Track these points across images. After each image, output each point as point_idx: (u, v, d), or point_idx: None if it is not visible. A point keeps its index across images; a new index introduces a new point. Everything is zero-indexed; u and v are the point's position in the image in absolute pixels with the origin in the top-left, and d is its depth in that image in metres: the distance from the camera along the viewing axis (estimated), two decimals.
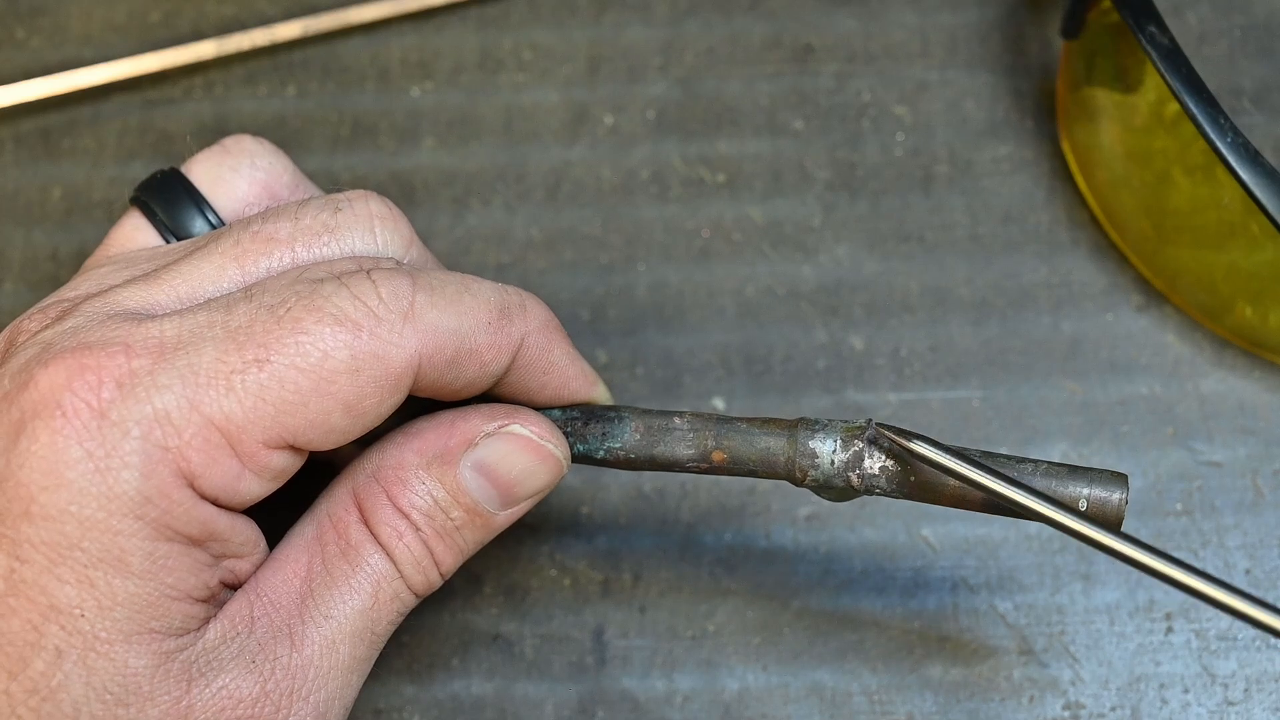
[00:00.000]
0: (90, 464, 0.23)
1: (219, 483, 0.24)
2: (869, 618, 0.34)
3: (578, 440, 0.28)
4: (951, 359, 0.36)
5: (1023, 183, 0.38)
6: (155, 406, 0.23)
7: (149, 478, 0.23)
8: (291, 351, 0.24)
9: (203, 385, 0.24)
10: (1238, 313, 0.35)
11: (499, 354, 0.27)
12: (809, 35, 0.39)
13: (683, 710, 0.33)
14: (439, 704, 0.33)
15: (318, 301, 0.25)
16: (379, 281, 0.25)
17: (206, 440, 0.24)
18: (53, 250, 0.38)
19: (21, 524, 0.23)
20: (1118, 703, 0.33)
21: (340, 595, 0.26)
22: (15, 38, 0.40)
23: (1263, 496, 0.34)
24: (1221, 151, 0.31)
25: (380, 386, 0.25)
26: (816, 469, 0.27)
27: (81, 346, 0.24)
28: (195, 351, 0.24)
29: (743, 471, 0.28)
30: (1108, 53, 0.35)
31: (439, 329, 0.25)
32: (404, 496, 0.27)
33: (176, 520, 0.24)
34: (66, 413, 0.23)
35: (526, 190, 0.38)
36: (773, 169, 0.38)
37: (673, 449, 0.28)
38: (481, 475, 0.27)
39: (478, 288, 0.27)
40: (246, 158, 0.30)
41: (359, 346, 0.24)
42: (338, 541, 0.27)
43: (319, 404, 0.24)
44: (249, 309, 0.25)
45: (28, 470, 0.23)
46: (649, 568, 0.34)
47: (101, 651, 0.24)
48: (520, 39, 0.39)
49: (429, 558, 0.27)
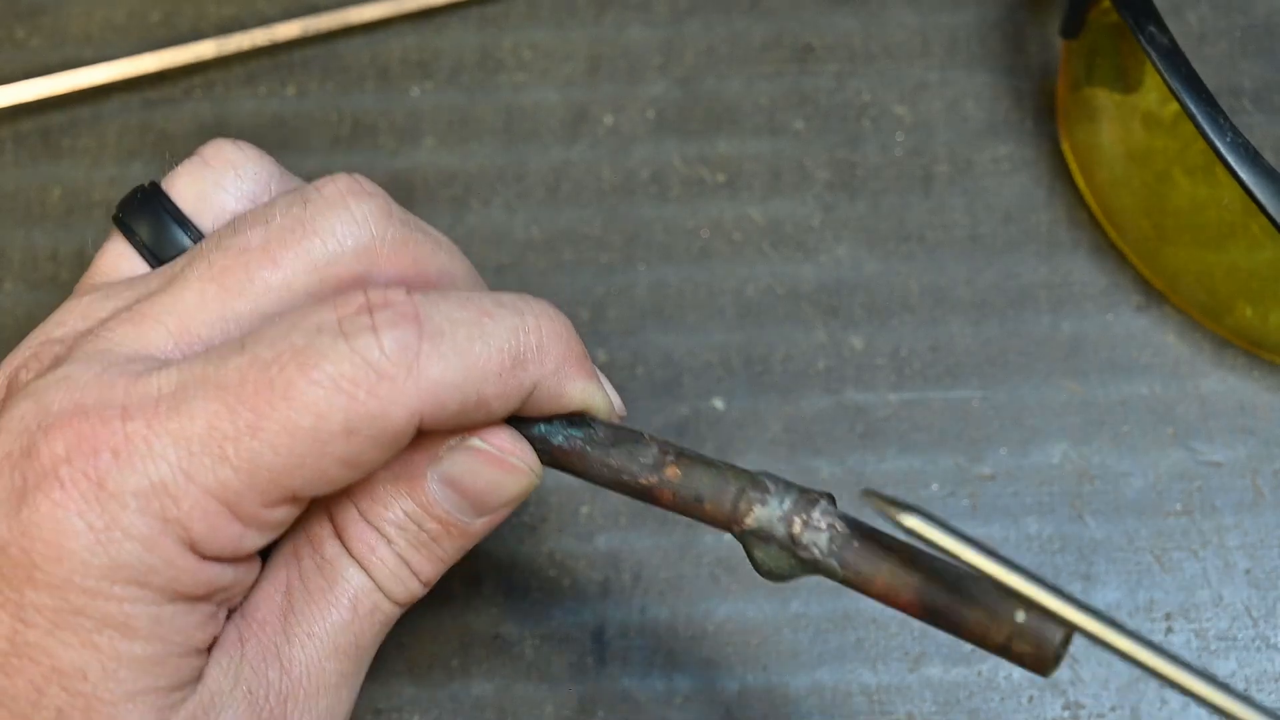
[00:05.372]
0: (91, 535, 0.23)
1: (221, 545, 0.24)
2: (869, 618, 0.34)
3: (543, 422, 0.27)
4: (951, 359, 0.36)
5: (1023, 183, 0.38)
6: (152, 479, 0.23)
7: (152, 549, 0.23)
8: (283, 417, 0.23)
9: (196, 454, 0.23)
10: (1238, 313, 0.35)
11: (507, 402, 0.26)
12: (809, 35, 0.39)
13: (683, 710, 0.33)
14: (439, 704, 0.33)
15: (312, 359, 0.23)
16: (382, 330, 0.24)
17: (205, 509, 0.23)
18: (53, 250, 0.38)
19: (26, 589, 0.23)
20: (1118, 702, 0.33)
21: (320, 611, 0.26)
22: (15, 38, 0.40)
23: (1263, 496, 0.34)
24: (1221, 151, 0.31)
25: (379, 444, 0.24)
26: (764, 505, 0.26)
27: (78, 411, 0.23)
28: (189, 415, 0.23)
29: (689, 495, 0.27)
30: (1108, 53, 0.35)
31: (443, 384, 0.24)
32: (374, 511, 0.26)
33: (182, 584, 0.24)
34: (65, 484, 0.23)
35: (526, 190, 0.38)
36: (773, 169, 0.38)
37: (632, 453, 0.27)
38: (449, 488, 0.26)
39: (491, 328, 0.25)
40: (230, 169, 0.28)
41: (355, 409, 0.23)
42: (313, 556, 0.27)
43: (315, 464, 0.24)
44: (240, 364, 0.24)
45: (30, 540, 0.23)
46: (649, 568, 0.34)
47: (103, 712, 0.23)
48: (520, 39, 0.39)
49: (406, 569, 0.27)
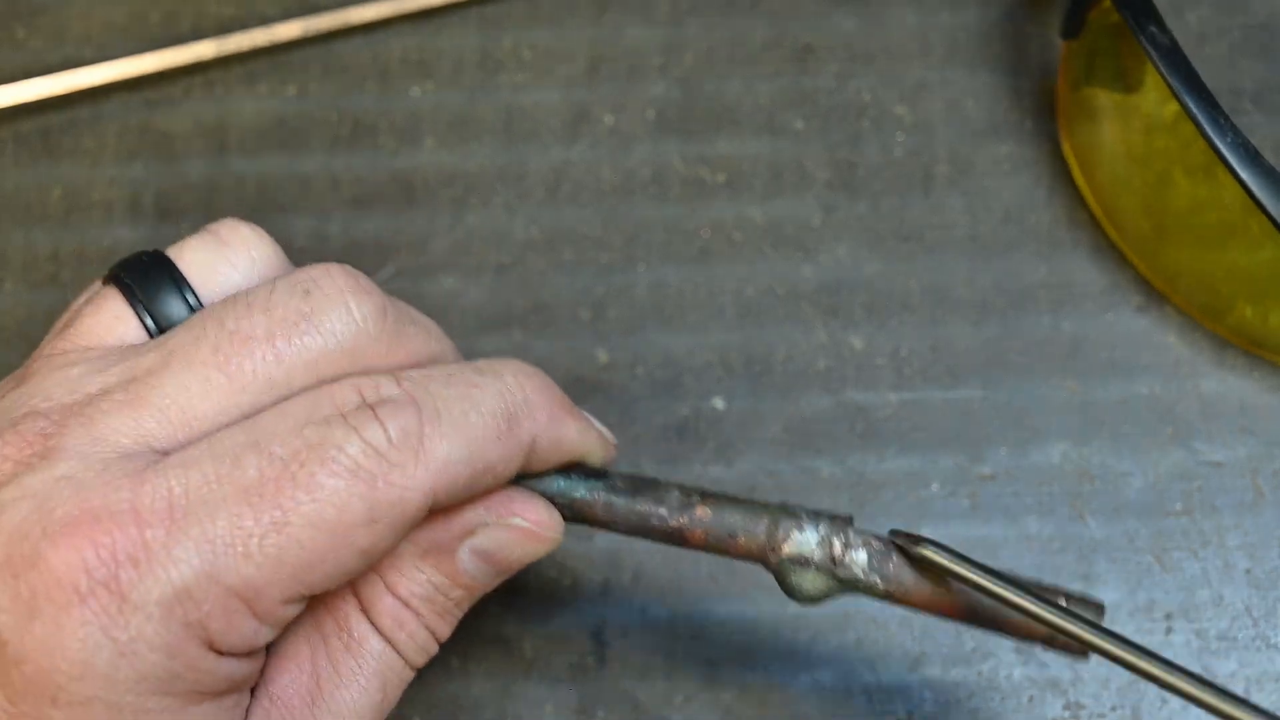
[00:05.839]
0: (114, 649, 0.22)
1: (237, 641, 0.24)
2: (869, 617, 0.34)
3: (561, 477, 0.28)
4: (951, 359, 0.36)
5: (1023, 183, 0.38)
6: (175, 585, 0.23)
7: (174, 656, 0.23)
8: (309, 511, 0.23)
9: (220, 554, 0.23)
10: (1238, 313, 0.35)
11: (511, 464, 0.26)
12: (809, 35, 0.39)
13: (683, 710, 0.33)
14: (439, 704, 0.33)
15: (330, 452, 0.24)
16: (386, 420, 0.24)
17: (226, 608, 0.23)
18: (53, 250, 0.38)
19: (46, 707, 0.23)
20: (1118, 702, 0.33)
21: (351, 694, 0.26)
22: (15, 38, 0.40)
23: (1263, 496, 0.34)
24: (1221, 151, 0.31)
25: (396, 531, 0.24)
26: (800, 532, 0.27)
27: (87, 514, 0.23)
28: (209, 517, 0.23)
29: (722, 532, 0.27)
30: (1108, 53, 0.35)
31: (451, 461, 0.25)
32: (403, 585, 0.27)
33: (204, 685, 0.24)
34: (85, 598, 0.22)
35: (526, 190, 0.38)
36: (773, 169, 0.38)
37: (658, 498, 0.28)
38: (480, 559, 0.27)
39: (480, 397, 0.26)
40: (244, 250, 0.28)
41: (375, 497, 0.24)
42: (339, 634, 0.27)
43: (336, 557, 0.24)
44: (258, 462, 0.24)
45: (51, 657, 0.22)
46: (649, 568, 0.34)
47: None
48: (520, 39, 0.39)
49: (430, 637, 0.27)
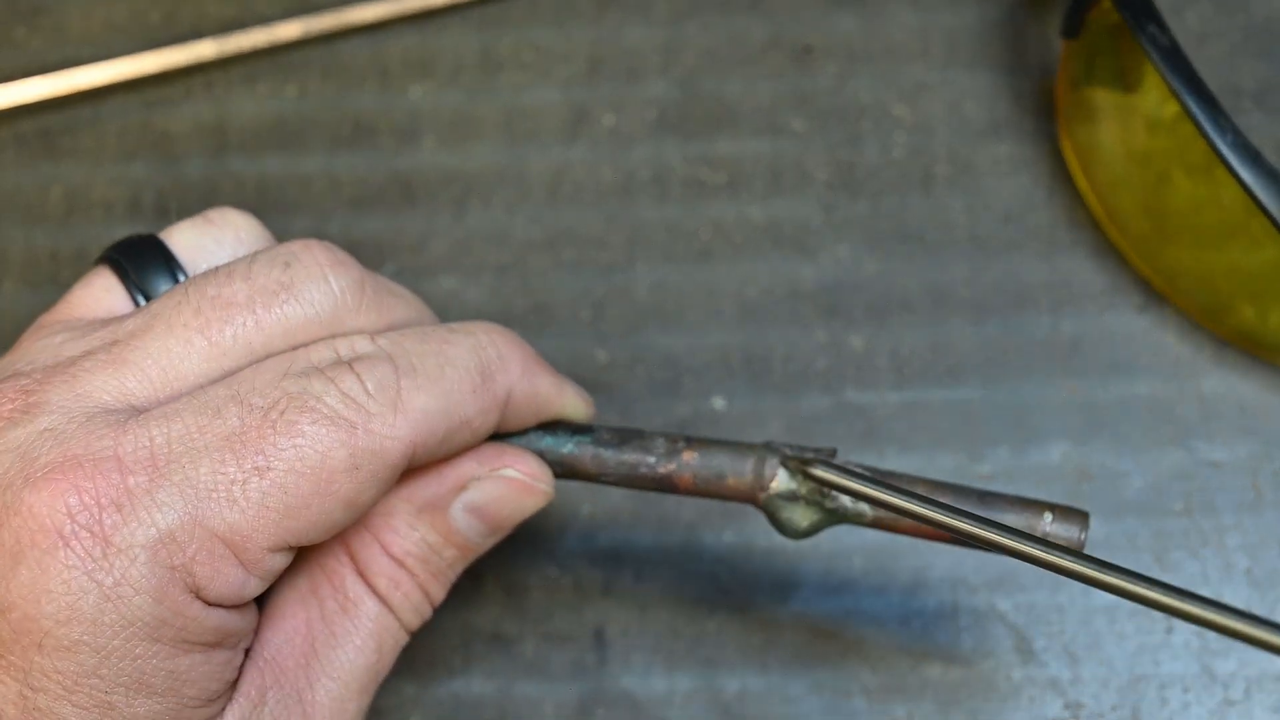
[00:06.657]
0: (100, 593, 0.23)
1: (224, 591, 0.24)
2: (869, 618, 0.34)
3: (548, 434, 0.28)
4: (951, 359, 0.36)
5: (1023, 183, 0.38)
6: (159, 527, 0.23)
7: (161, 600, 0.23)
8: (291, 456, 0.24)
9: (204, 499, 0.23)
10: (1238, 313, 0.35)
11: (488, 417, 0.27)
12: (809, 35, 0.39)
13: (683, 710, 0.33)
14: (439, 704, 0.33)
15: (309, 401, 0.24)
16: (363, 373, 0.25)
17: (211, 553, 0.23)
18: (53, 250, 0.38)
19: (32, 654, 0.23)
20: (1118, 702, 0.33)
21: (345, 654, 0.27)
22: (15, 38, 0.40)
23: (1263, 496, 0.34)
24: (1221, 151, 0.31)
25: (378, 480, 0.25)
26: (785, 468, 0.27)
27: (70, 462, 0.23)
28: (191, 463, 0.23)
29: (710, 474, 0.28)
30: (1108, 53, 0.35)
31: (428, 412, 0.25)
32: (397, 544, 0.27)
33: (192, 634, 0.24)
34: (69, 542, 0.23)
35: (526, 190, 0.38)
36: (773, 169, 0.38)
37: (644, 447, 0.28)
38: (473, 515, 0.27)
39: (454, 354, 0.26)
40: (231, 232, 0.29)
41: (356, 444, 0.24)
42: (335, 595, 0.27)
43: (320, 504, 0.24)
44: (239, 412, 0.24)
45: (35, 604, 0.23)
46: (649, 567, 0.34)
47: None
48: (520, 39, 0.39)
49: (424, 598, 0.28)
